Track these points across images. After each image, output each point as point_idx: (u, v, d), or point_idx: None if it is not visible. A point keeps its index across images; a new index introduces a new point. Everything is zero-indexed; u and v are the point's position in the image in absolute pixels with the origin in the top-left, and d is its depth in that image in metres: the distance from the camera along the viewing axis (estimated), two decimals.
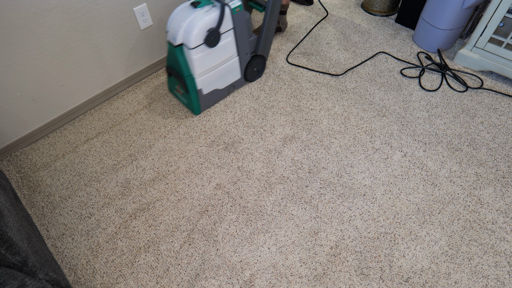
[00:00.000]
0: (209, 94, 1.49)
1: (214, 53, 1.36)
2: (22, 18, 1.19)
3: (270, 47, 1.60)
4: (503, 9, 1.41)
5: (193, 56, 1.30)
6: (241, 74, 1.56)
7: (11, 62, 1.24)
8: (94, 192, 1.30)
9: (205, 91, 1.46)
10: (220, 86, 1.51)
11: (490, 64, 1.57)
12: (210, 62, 1.37)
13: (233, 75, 1.53)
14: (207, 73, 1.40)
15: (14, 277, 0.72)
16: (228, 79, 1.52)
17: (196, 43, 1.27)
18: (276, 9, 1.46)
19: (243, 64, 1.53)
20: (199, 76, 1.38)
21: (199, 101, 1.47)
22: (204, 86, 1.43)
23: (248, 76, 1.61)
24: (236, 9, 1.32)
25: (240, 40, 1.42)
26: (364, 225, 1.15)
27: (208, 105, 1.53)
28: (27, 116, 1.41)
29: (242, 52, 1.47)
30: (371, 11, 2.07)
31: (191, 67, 1.34)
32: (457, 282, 1.02)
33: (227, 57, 1.42)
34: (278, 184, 1.28)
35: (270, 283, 1.04)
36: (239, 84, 1.60)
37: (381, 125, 1.45)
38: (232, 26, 1.35)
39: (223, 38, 1.35)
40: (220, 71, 1.45)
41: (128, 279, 1.07)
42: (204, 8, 1.27)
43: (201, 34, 1.26)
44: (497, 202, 1.18)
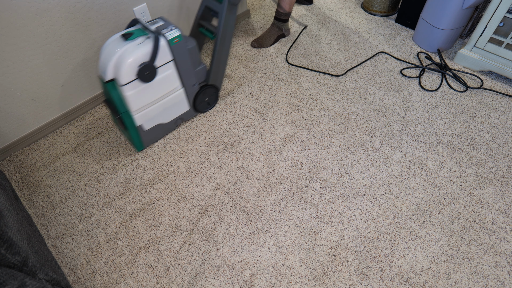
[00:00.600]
0: (152, 129, 1.37)
1: (152, 88, 1.25)
2: (22, 18, 1.19)
3: (223, 75, 1.52)
4: (503, 9, 1.41)
5: (126, 92, 1.18)
6: (189, 105, 1.44)
7: (11, 62, 1.24)
8: (94, 192, 1.30)
9: (147, 127, 1.34)
10: (164, 120, 1.39)
11: (490, 64, 1.57)
12: (148, 97, 1.26)
13: (180, 108, 1.41)
14: (147, 108, 1.29)
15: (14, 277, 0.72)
16: (173, 112, 1.40)
17: (128, 79, 1.16)
18: (228, 37, 1.39)
19: (190, 95, 1.41)
20: (137, 112, 1.26)
21: (140, 138, 1.36)
22: (144, 122, 1.31)
23: (199, 107, 1.49)
24: (175, 40, 1.20)
25: (184, 71, 1.31)
26: (364, 225, 1.15)
27: (152, 140, 1.42)
28: (27, 116, 1.41)
29: (187, 84, 1.36)
30: (371, 11, 2.07)
31: (126, 104, 1.23)
32: (457, 282, 1.02)
33: (169, 91, 1.31)
34: (278, 184, 1.28)
35: (270, 283, 1.04)
36: (189, 115, 1.48)
37: (381, 125, 1.45)
38: (171, 58, 1.23)
39: (161, 72, 1.23)
40: (162, 105, 1.33)
41: (128, 279, 1.07)
42: (136, 40, 1.16)
43: (133, 69, 1.14)
44: (497, 202, 1.18)
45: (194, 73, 1.36)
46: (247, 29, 2.03)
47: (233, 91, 1.64)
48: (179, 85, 1.34)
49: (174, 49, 1.22)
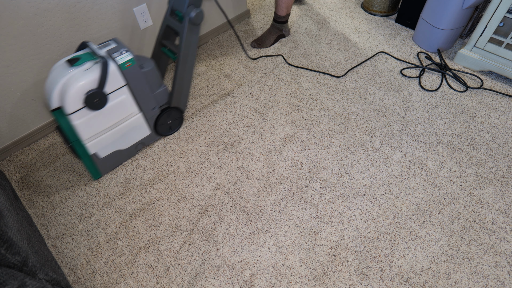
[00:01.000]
0: (109, 156, 1.30)
1: (104, 115, 1.17)
2: (22, 18, 1.19)
3: (187, 97, 1.43)
4: (503, 9, 1.41)
5: (74, 122, 1.11)
6: (150, 129, 1.37)
7: (11, 62, 1.24)
8: (94, 192, 1.30)
9: (103, 154, 1.27)
10: (122, 146, 1.31)
11: (490, 64, 1.57)
12: (100, 125, 1.18)
13: (139, 133, 1.34)
14: (100, 136, 1.21)
15: (14, 277, 0.72)
16: (132, 137, 1.32)
17: (75, 108, 1.08)
18: (190, 58, 1.32)
19: (150, 119, 1.33)
20: (89, 140, 1.19)
21: (95, 166, 1.28)
22: (99, 149, 1.24)
23: (161, 131, 1.42)
24: (127, 64, 1.12)
25: (140, 96, 1.23)
26: (364, 225, 1.15)
27: (110, 167, 1.34)
28: (27, 116, 1.41)
29: (145, 108, 1.28)
30: (371, 11, 2.07)
31: (76, 133, 1.15)
32: (457, 282, 1.02)
33: (123, 117, 1.23)
34: (278, 184, 1.28)
35: (270, 283, 1.04)
36: (150, 139, 1.40)
37: (381, 125, 1.45)
38: (124, 82, 1.15)
39: (112, 98, 1.15)
40: (118, 131, 1.25)
41: (128, 279, 1.07)
42: (83, 65, 1.09)
43: (79, 97, 1.06)
44: (497, 202, 1.18)
45: (153, 96, 1.28)
46: (247, 29, 2.03)
47: (233, 91, 1.64)
48: (136, 110, 1.26)
49: (127, 74, 1.14)
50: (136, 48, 1.61)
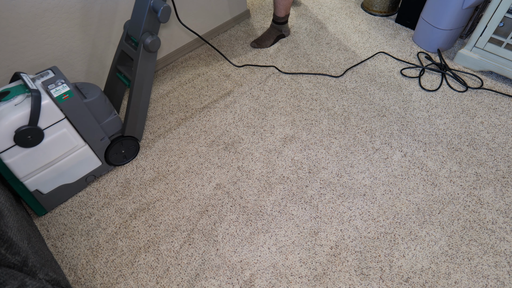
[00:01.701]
0: (54, 191, 1.21)
1: (42, 151, 1.08)
2: (22, 18, 1.19)
3: (143, 125, 1.35)
4: (503, 9, 1.41)
5: (6, 160, 1.03)
6: (100, 160, 1.28)
7: (11, 62, 1.24)
8: (94, 192, 1.30)
9: (46, 191, 1.18)
10: (69, 180, 1.23)
11: (490, 64, 1.57)
12: (38, 162, 1.09)
13: (87, 165, 1.25)
14: (40, 173, 1.13)
15: (14, 277, 0.72)
16: (80, 170, 1.24)
17: (5, 146, 0.99)
18: (146, 85, 1.25)
19: (99, 150, 1.25)
20: (27, 178, 1.10)
21: (39, 202, 1.20)
22: (41, 186, 1.16)
23: (114, 160, 1.33)
24: (63, 96, 1.03)
25: (84, 127, 1.14)
26: (364, 225, 1.15)
27: (57, 202, 1.25)
28: None
29: (92, 139, 1.20)
30: (371, 11, 2.07)
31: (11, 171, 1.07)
32: (457, 282, 1.02)
33: (66, 151, 1.14)
34: (278, 184, 1.28)
35: (270, 283, 1.04)
36: (102, 170, 1.32)
37: (381, 125, 1.45)
38: (62, 116, 1.07)
39: (49, 133, 1.06)
40: (61, 166, 1.17)
41: (128, 279, 1.08)
42: (13, 100, 0.99)
43: (8, 135, 0.98)
44: (497, 202, 1.18)
45: (100, 127, 1.20)
46: (247, 29, 2.03)
47: (233, 91, 1.64)
48: (80, 143, 1.17)
49: (64, 106, 1.05)
50: None
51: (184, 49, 1.83)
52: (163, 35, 1.69)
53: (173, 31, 1.72)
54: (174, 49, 1.79)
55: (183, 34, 1.78)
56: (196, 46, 1.89)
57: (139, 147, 1.41)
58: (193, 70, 1.77)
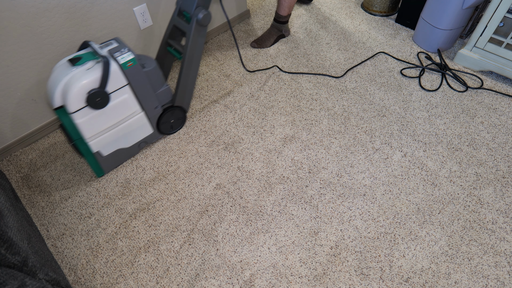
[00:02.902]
0: (112, 154, 1.30)
1: (106, 114, 1.18)
2: (22, 18, 1.19)
3: (191, 97, 1.45)
4: (503, 9, 1.41)
5: (76, 120, 1.12)
6: (152, 128, 1.37)
7: (11, 62, 1.24)
8: (94, 192, 1.30)
9: (105, 153, 1.27)
10: (125, 144, 1.32)
11: (490, 64, 1.57)
12: (103, 124, 1.19)
13: (142, 131, 1.34)
14: (103, 135, 1.22)
15: (14, 277, 0.72)
16: (135, 136, 1.33)
17: (77, 107, 1.09)
18: (196, 57, 1.33)
19: (153, 118, 1.34)
20: (92, 139, 1.20)
21: (99, 164, 1.29)
22: (102, 148, 1.25)
23: (163, 129, 1.42)
24: (128, 64, 1.12)
25: (142, 95, 1.24)
26: (364, 225, 1.15)
27: (113, 165, 1.35)
28: (27, 116, 1.41)
29: (148, 107, 1.29)
30: (371, 11, 2.07)
31: (79, 131, 1.17)
32: (457, 282, 1.02)
33: (126, 116, 1.24)
34: (278, 184, 1.28)
35: (270, 283, 1.04)
36: (153, 138, 1.41)
37: (381, 125, 1.45)
38: (126, 82, 1.16)
39: (114, 97, 1.16)
40: (121, 130, 1.26)
41: (128, 279, 1.08)
42: (85, 65, 1.09)
43: (81, 96, 1.07)
44: (497, 202, 1.18)
45: (155, 95, 1.28)
46: (247, 29, 2.03)
47: (233, 91, 1.64)
48: (138, 109, 1.26)
49: (128, 73, 1.14)
50: (136, 48, 1.61)
51: None
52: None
53: None
54: None
55: None
56: None
57: (186, 118, 1.50)
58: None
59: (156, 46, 1.69)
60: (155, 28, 1.63)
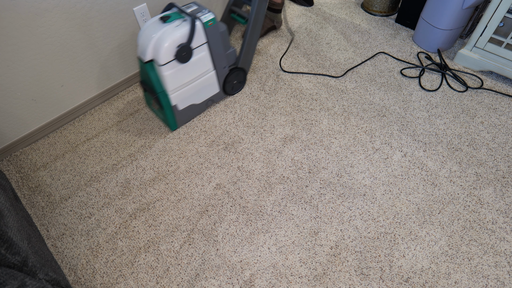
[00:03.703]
0: (185, 109, 1.44)
1: (187, 69, 1.31)
2: (22, 18, 1.19)
3: (251, 59, 1.58)
4: (503, 9, 1.41)
5: (164, 72, 1.25)
6: (219, 87, 1.51)
7: (11, 62, 1.24)
8: (94, 192, 1.30)
9: (181, 107, 1.41)
10: (196, 101, 1.46)
11: (490, 64, 1.57)
12: (183, 78, 1.32)
13: (211, 89, 1.48)
14: (182, 89, 1.36)
15: (14, 277, 0.72)
16: (205, 93, 1.47)
17: (166, 60, 1.23)
18: (259, 22, 1.46)
19: (221, 77, 1.48)
20: (173, 92, 1.34)
21: (174, 117, 1.43)
22: (179, 101, 1.39)
23: (228, 90, 1.56)
24: (209, 23, 1.26)
25: (216, 54, 1.38)
26: (364, 225, 1.15)
27: (185, 120, 1.49)
28: (27, 116, 1.41)
29: (218, 66, 1.43)
30: (371, 11, 2.07)
31: (164, 83, 1.30)
32: (457, 282, 1.02)
33: (202, 72, 1.38)
34: (278, 184, 1.28)
35: (270, 283, 1.04)
36: (218, 97, 1.55)
37: (381, 125, 1.45)
38: (205, 40, 1.30)
39: (195, 53, 1.30)
40: (195, 86, 1.40)
41: (128, 279, 1.08)
42: (174, 22, 1.23)
43: (171, 50, 1.21)
44: (497, 202, 1.19)
45: (225, 56, 1.43)
46: None
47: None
48: (211, 67, 1.41)
49: (208, 32, 1.29)
50: (136, 48, 1.61)
51: None
52: None
53: None
54: None
55: None
56: None
57: (246, 81, 1.65)
58: None
59: None
60: None
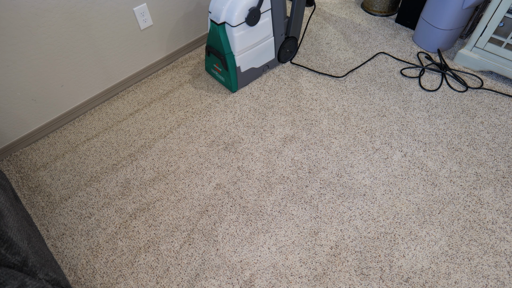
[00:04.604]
0: (246, 72, 1.57)
1: (253, 32, 1.43)
2: (22, 18, 1.19)
3: (300, 29, 1.68)
4: (503, 9, 1.41)
5: (235, 33, 1.37)
6: (275, 54, 1.64)
7: (11, 62, 1.24)
8: (94, 192, 1.30)
9: (243, 69, 1.54)
10: (256, 65, 1.59)
11: (490, 64, 1.57)
12: (249, 41, 1.45)
13: (268, 55, 1.61)
14: (246, 52, 1.48)
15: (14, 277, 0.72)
16: (263, 58, 1.60)
17: (238, 21, 1.34)
18: None
19: (277, 44, 1.60)
20: (239, 54, 1.46)
21: (237, 79, 1.55)
22: (242, 64, 1.51)
23: (281, 57, 1.69)
24: None
25: (276, 20, 1.49)
26: (364, 225, 1.15)
27: (244, 83, 1.61)
28: (27, 116, 1.41)
29: (277, 33, 1.55)
30: (371, 11, 2.07)
31: (232, 45, 1.42)
32: (457, 282, 1.02)
33: (264, 37, 1.50)
34: (278, 184, 1.28)
35: (270, 283, 1.04)
36: (273, 64, 1.68)
37: (381, 125, 1.45)
38: (270, 6, 1.42)
39: (262, 18, 1.42)
40: (257, 50, 1.53)
41: (128, 279, 1.07)
42: None
43: (243, 13, 1.33)
44: (497, 202, 1.18)
45: (283, 23, 1.53)
46: None
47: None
48: (271, 33, 1.52)
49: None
50: (136, 48, 1.61)
51: (184, 48, 1.83)
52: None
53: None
54: (176, 49, 1.79)
55: (186, 33, 1.78)
56: (195, 46, 1.89)
57: (298, 48, 1.76)
58: (193, 70, 1.77)
59: (157, 46, 1.69)
60: (155, 28, 1.63)
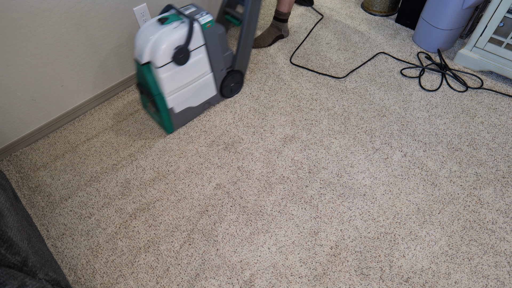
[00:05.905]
0: (182, 112, 1.43)
1: (185, 71, 1.30)
2: (22, 18, 1.19)
3: (248, 62, 1.56)
4: (503, 9, 1.41)
5: (161, 75, 1.24)
6: (216, 90, 1.50)
7: (11, 62, 1.24)
8: (94, 192, 1.30)
9: (177, 110, 1.40)
10: (193, 103, 1.45)
11: (490, 64, 1.57)
12: (180, 80, 1.31)
13: (208, 92, 1.47)
14: (178, 91, 1.34)
15: (14, 277, 0.72)
16: (202, 96, 1.46)
17: (164, 62, 1.21)
18: (253, 23, 1.43)
19: (218, 80, 1.46)
20: (169, 94, 1.32)
21: (171, 120, 1.41)
22: (175, 104, 1.37)
23: (225, 92, 1.55)
24: (207, 25, 1.25)
25: (213, 56, 1.36)
26: (364, 225, 1.15)
27: (181, 123, 1.47)
28: (27, 116, 1.41)
29: (216, 68, 1.41)
30: (371, 11, 2.07)
31: (160, 86, 1.28)
32: (457, 282, 1.02)
33: (199, 74, 1.36)
34: (278, 184, 1.28)
35: (270, 283, 1.04)
36: (215, 100, 1.54)
37: (381, 125, 1.45)
38: (203, 42, 1.29)
39: (193, 55, 1.29)
40: (192, 88, 1.39)
41: (128, 279, 1.08)
42: (172, 24, 1.22)
43: (169, 52, 1.19)
44: (497, 202, 1.19)
45: (223, 58, 1.41)
46: None
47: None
48: (208, 69, 1.39)
49: (206, 34, 1.28)
50: None
51: None
52: None
53: None
54: None
55: None
56: None
57: (243, 83, 1.63)
58: None
59: None
60: None
